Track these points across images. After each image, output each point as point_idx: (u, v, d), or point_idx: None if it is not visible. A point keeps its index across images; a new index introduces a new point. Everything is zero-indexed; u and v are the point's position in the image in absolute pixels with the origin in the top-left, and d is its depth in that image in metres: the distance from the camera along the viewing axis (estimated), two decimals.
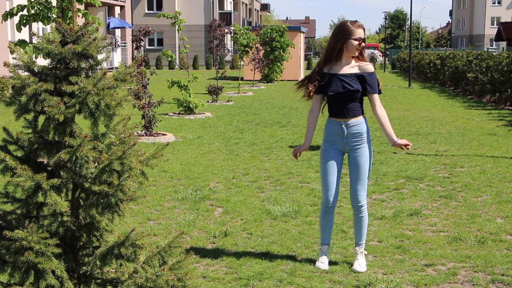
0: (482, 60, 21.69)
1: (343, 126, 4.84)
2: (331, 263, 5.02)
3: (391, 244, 5.54)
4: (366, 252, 5.12)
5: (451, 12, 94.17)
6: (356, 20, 4.85)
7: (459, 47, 73.49)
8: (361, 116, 4.88)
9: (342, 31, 4.80)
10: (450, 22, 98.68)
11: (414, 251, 5.34)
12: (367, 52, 5.46)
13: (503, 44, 56.88)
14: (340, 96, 4.81)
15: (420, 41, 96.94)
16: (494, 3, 79.73)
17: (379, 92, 4.88)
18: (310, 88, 4.89)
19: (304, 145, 5.10)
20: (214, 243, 5.59)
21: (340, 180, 5.00)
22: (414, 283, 4.64)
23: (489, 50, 33.10)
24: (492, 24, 77.81)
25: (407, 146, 4.87)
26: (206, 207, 6.80)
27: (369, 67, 4.85)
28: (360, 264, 4.92)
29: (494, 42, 65.90)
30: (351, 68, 4.84)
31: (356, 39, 4.76)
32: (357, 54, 4.81)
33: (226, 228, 5.98)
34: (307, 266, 4.96)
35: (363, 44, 4.80)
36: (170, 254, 3.15)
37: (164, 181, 8.04)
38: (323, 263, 4.96)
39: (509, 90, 18.46)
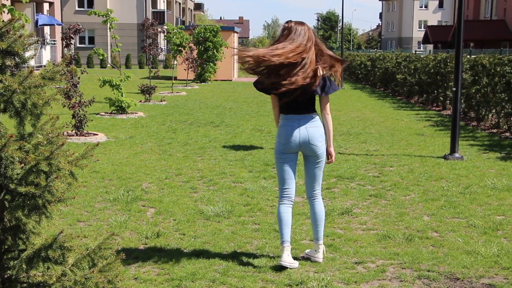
0: (410, 62, 22.31)
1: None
2: (264, 261, 5.05)
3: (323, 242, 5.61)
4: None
5: (381, 15, 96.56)
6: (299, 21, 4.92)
7: (389, 49, 75.49)
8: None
9: None
10: (380, 24, 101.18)
11: (345, 249, 5.44)
12: None
13: (430, 46, 58.80)
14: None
15: (351, 43, 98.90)
16: (422, 7, 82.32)
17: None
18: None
19: None
20: (146, 244, 5.53)
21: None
22: (344, 281, 4.73)
23: (417, 52, 34.04)
24: (420, 27, 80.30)
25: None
26: (138, 208, 6.72)
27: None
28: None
29: (421, 45, 67.97)
30: None
31: None
32: None
33: (159, 228, 5.93)
34: (240, 266, 4.97)
35: None
36: (100, 256, 3.09)
37: (95, 182, 7.89)
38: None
39: (435, 91, 19.08)
